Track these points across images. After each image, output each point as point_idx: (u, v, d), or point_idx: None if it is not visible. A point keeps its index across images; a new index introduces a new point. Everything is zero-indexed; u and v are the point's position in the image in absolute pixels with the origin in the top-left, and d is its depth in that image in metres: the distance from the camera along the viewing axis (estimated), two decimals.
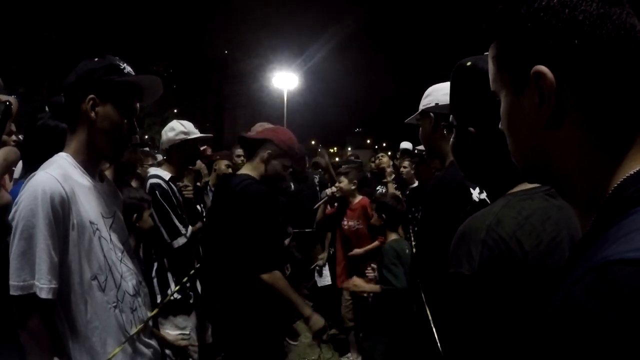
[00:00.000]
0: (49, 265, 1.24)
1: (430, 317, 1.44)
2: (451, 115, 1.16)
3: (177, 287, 2.56)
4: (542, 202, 0.93)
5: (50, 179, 1.28)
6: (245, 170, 2.32)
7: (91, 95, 1.37)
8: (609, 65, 0.53)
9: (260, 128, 2.77)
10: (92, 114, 1.38)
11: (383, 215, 3.04)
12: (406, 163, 4.41)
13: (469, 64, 1.09)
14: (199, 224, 2.92)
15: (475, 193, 1.59)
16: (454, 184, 1.61)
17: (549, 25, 0.55)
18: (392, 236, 3.06)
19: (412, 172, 4.19)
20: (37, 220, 1.23)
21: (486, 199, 1.58)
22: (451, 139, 1.17)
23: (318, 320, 2.20)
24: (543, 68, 0.55)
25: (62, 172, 1.33)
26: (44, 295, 1.22)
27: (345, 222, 3.73)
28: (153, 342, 1.56)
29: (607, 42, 0.53)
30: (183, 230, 2.62)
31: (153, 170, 2.80)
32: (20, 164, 2.29)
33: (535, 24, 0.57)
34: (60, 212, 1.27)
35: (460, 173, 1.63)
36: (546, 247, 0.87)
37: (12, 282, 1.22)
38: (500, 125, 0.68)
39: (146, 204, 2.33)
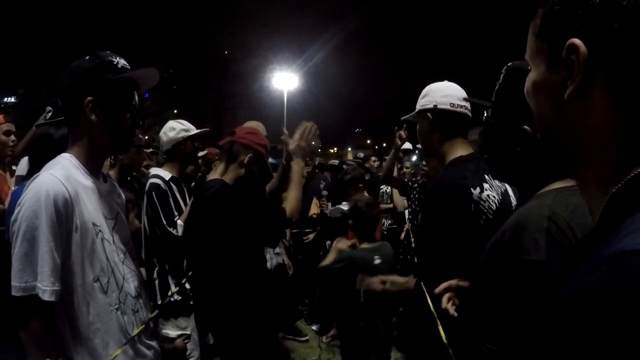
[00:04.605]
0: (51, 267, 1.23)
1: (435, 315, 1.45)
2: (490, 110, 1.26)
3: (175, 289, 2.56)
4: (580, 198, 0.99)
5: (54, 180, 1.27)
6: (217, 174, 2.22)
7: (89, 98, 1.36)
8: None
9: (242, 132, 2.47)
10: (93, 117, 1.37)
11: (350, 221, 2.88)
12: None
13: (530, 67, 1.14)
14: None
15: (476, 193, 1.59)
16: (454, 184, 1.61)
17: (592, 5, 0.57)
18: (364, 244, 2.80)
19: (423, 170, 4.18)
20: (40, 222, 1.22)
21: (487, 197, 1.59)
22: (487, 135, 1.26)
23: None
24: (578, 41, 0.56)
25: (65, 173, 1.32)
26: (46, 297, 1.21)
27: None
28: (154, 343, 1.56)
29: None
30: (174, 232, 2.59)
31: (154, 170, 2.79)
32: (25, 162, 2.30)
33: (579, 1, 0.58)
34: (64, 213, 1.26)
35: (460, 173, 1.64)
36: None
37: (14, 282, 1.21)
38: (525, 92, 0.69)
39: (130, 204, 2.37)
